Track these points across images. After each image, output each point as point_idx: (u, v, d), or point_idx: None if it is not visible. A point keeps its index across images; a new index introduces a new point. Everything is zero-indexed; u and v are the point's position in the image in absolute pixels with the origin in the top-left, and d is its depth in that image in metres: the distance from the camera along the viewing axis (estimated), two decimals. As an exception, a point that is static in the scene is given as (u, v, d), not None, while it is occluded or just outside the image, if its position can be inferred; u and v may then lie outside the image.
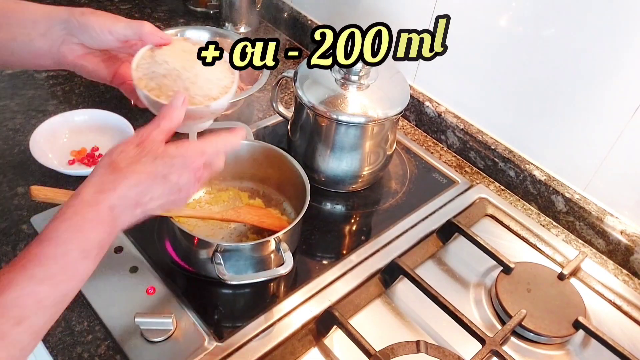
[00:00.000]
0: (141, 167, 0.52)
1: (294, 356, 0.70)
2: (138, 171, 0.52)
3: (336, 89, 0.84)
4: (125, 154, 0.52)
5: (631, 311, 0.81)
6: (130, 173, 0.51)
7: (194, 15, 1.33)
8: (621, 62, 0.79)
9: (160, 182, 0.53)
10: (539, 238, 0.90)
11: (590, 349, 0.77)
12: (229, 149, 0.60)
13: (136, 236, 0.78)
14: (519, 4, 0.87)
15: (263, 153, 0.84)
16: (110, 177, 0.51)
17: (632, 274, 0.88)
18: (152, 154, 0.53)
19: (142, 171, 0.52)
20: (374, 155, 0.89)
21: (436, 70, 1.06)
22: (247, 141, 0.84)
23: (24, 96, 1.01)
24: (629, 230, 0.87)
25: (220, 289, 0.76)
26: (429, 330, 0.75)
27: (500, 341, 0.71)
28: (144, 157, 0.52)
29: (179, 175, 0.54)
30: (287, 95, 1.13)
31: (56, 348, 0.66)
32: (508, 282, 0.80)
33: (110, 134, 0.93)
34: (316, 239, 0.85)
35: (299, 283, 0.77)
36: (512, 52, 0.92)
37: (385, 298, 0.79)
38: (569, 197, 0.91)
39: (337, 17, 1.22)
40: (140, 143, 0.53)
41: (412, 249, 0.85)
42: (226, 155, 0.60)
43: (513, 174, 0.98)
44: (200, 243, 0.70)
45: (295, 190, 0.81)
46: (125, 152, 0.52)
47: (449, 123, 1.05)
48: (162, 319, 0.66)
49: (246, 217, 0.77)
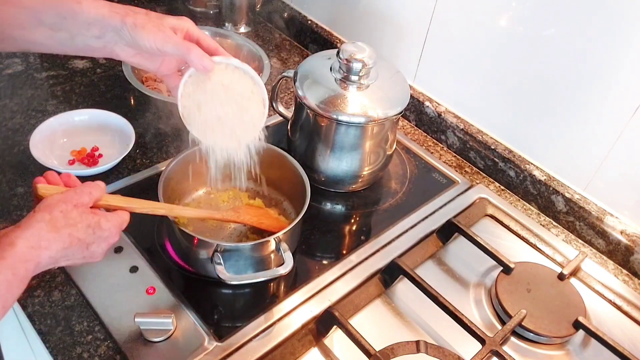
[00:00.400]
0: (76, 233, 0.55)
1: (294, 356, 0.70)
2: (72, 236, 0.55)
3: (336, 89, 0.84)
4: (64, 214, 0.55)
5: (631, 311, 0.81)
6: (66, 236, 0.54)
7: (194, 15, 1.32)
8: (621, 62, 0.79)
9: (83, 248, 0.56)
10: (539, 238, 0.90)
11: (590, 349, 0.76)
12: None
13: (136, 236, 0.78)
14: (519, 4, 0.87)
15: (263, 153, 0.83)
16: (48, 235, 0.53)
17: (632, 274, 0.88)
18: (86, 222, 0.56)
19: (75, 236, 0.55)
20: (373, 155, 0.89)
21: (436, 70, 1.06)
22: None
23: (23, 96, 1.01)
24: (629, 230, 0.87)
25: (220, 289, 0.76)
26: (429, 330, 0.75)
27: (500, 341, 0.71)
28: (79, 222, 0.55)
29: (98, 245, 0.58)
30: (287, 95, 1.13)
31: (56, 348, 0.66)
32: (508, 282, 0.80)
33: (110, 134, 0.93)
34: (316, 239, 0.85)
35: (299, 283, 0.77)
36: (512, 52, 0.92)
37: (385, 298, 0.79)
38: (569, 197, 0.91)
39: (337, 17, 1.22)
40: (78, 206, 0.56)
41: (412, 249, 0.85)
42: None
43: (513, 174, 0.98)
44: (200, 243, 0.70)
45: (295, 190, 0.80)
46: (65, 213, 0.55)
47: (449, 123, 1.05)
48: (162, 319, 0.66)
49: (245, 218, 0.77)
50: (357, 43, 0.83)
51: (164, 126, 0.98)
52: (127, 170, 0.89)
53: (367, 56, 0.81)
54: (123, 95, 1.05)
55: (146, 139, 0.96)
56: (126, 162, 0.91)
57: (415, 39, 1.05)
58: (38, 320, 0.68)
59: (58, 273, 0.73)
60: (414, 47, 1.06)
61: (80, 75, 1.08)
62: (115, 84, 1.07)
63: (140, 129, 0.96)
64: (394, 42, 1.10)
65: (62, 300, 0.71)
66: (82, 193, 0.58)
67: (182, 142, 0.95)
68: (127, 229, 0.78)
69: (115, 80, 1.08)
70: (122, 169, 0.89)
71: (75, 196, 0.57)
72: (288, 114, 0.95)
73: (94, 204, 0.59)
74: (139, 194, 0.69)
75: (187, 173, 0.80)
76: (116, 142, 0.92)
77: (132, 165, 0.91)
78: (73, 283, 0.72)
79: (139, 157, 0.92)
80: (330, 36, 1.23)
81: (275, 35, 1.33)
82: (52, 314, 0.69)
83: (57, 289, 0.72)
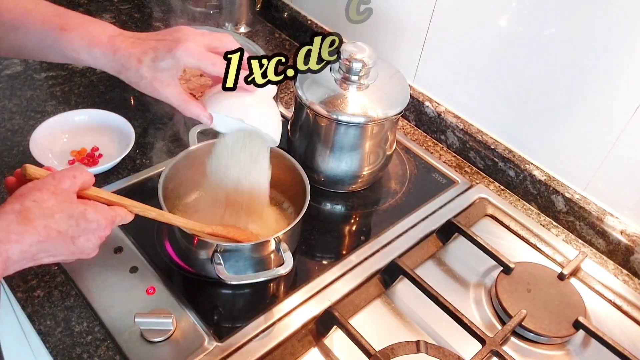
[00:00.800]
0: (54, 224, 0.49)
1: (294, 356, 0.70)
2: (49, 227, 0.49)
3: (336, 88, 0.84)
4: (39, 203, 0.49)
5: (631, 311, 0.81)
6: (41, 228, 0.48)
7: (193, 15, 1.32)
8: (621, 62, 0.79)
9: (66, 242, 0.51)
10: (539, 238, 0.90)
11: (590, 349, 0.76)
12: (122, 222, 0.59)
13: (136, 236, 0.78)
14: (519, 4, 0.87)
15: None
16: (18, 227, 0.47)
17: (632, 274, 0.88)
18: (67, 211, 0.50)
19: (53, 228, 0.49)
20: (373, 155, 0.89)
21: (436, 70, 1.06)
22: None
23: (22, 97, 1.01)
24: (629, 230, 0.87)
25: (220, 289, 0.76)
26: (429, 330, 0.75)
27: (500, 341, 0.71)
28: (58, 212, 0.49)
29: (87, 239, 0.52)
30: (287, 95, 1.13)
31: (56, 349, 0.66)
32: (508, 282, 0.80)
33: (110, 134, 0.93)
34: (316, 239, 0.85)
35: (299, 283, 0.77)
36: (512, 52, 0.92)
37: (385, 298, 0.79)
38: (569, 197, 0.91)
39: (336, 17, 1.22)
40: (57, 193, 0.50)
41: (412, 249, 0.85)
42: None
43: (513, 173, 0.98)
44: (200, 243, 0.70)
45: (295, 190, 0.80)
46: (40, 202, 0.49)
47: (449, 123, 1.05)
48: (162, 319, 0.66)
49: (235, 234, 0.74)
50: (357, 43, 0.83)
51: (164, 126, 0.98)
52: (126, 171, 0.89)
53: (367, 56, 0.81)
54: (123, 95, 1.05)
55: (146, 139, 0.96)
56: (126, 162, 0.91)
57: (415, 39, 1.05)
58: (38, 320, 0.68)
59: (58, 273, 0.73)
60: (414, 47, 1.06)
61: (80, 75, 1.08)
62: (115, 84, 1.07)
63: (140, 129, 0.96)
64: (394, 42, 1.10)
65: (62, 300, 0.71)
66: (62, 177, 0.51)
67: (182, 142, 0.96)
68: (127, 229, 0.79)
69: (114, 80, 1.06)
70: (122, 169, 0.89)
71: (54, 182, 0.51)
72: (288, 114, 0.95)
73: (81, 192, 0.54)
74: (138, 194, 0.70)
75: (187, 173, 0.80)
76: (116, 142, 0.92)
77: (132, 165, 0.91)
78: (73, 283, 0.72)
79: (139, 157, 0.92)
80: (330, 36, 1.23)
81: (275, 35, 1.33)
82: (52, 314, 0.69)
83: (57, 289, 0.72)
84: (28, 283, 0.72)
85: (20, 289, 0.71)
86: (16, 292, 0.71)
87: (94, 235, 0.53)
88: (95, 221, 0.52)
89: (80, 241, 0.52)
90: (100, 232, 0.53)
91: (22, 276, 0.72)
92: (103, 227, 0.53)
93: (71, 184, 0.52)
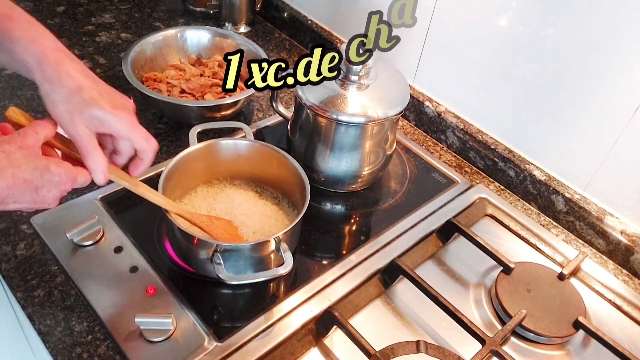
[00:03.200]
0: (20, 173, 0.53)
1: (294, 356, 0.70)
2: (17, 176, 0.53)
3: (336, 88, 0.84)
4: (7, 154, 0.53)
5: (631, 311, 0.81)
6: (9, 176, 0.53)
7: (193, 15, 1.33)
8: (621, 62, 0.79)
9: (31, 191, 0.55)
10: (539, 238, 0.90)
11: (590, 349, 0.76)
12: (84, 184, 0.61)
13: (136, 236, 0.78)
14: (519, 4, 0.87)
15: (263, 153, 0.83)
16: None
17: (632, 274, 0.88)
18: (32, 164, 0.54)
19: (20, 177, 0.53)
20: (373, 155, 0.89)
21: (436, 70, 1.06)
22: (247, 141, 0.84)
23: (22, 97, 1.01)
24: (629, 230, 0.87)
25: (220, 289, 0.76)
26: (429, 330, 0.75)
27: (500, 341, 0.71)
28: (24, 164, 0.54)
29: (48, 190, 0.56)
30: (287, 95, 1.13)
31: (56, 348, 0.66)
32: (508, 282, 0.80)
33: (110, 134, 0.93)
34: (316, 239, 0.85)
35: (299, 283, 0.77)
36: (512, 52, 0.92)
37: (385, 298, 0.79)
38: (569, 197, 0.91)
39: (336, 17, 1.22)
40: (23, 147, 0.54)
41: (412, 249, 0.85)
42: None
43: (513, 173, 0.98)
44: (200, 243, 0.70)
45: (295, 190, 0.81)
46: (8, 154, 0.53)
47: (449, 123, 1.05)
48: (161, 319, 0.66)
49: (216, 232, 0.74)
50: (357, 43, 0.83)
51: (164, 126, 0.98)
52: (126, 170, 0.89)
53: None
54: (123, 95, 1.04)
55: (146, 139, 0.95)
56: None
57: (415, 39, 1.05)
58: (38, 320, 0.68)
59: (58, 273, 0.73)
60: (414, 47, 1.06)
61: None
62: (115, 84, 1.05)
63: (140, 129, 0.96)
64: (393, 42, 1.10)
65: (62, 300, 0.71)
66: (26, 134, 0.56)
67: (182, 142, 0.95)
68: (127, 229, 0.79)
69: (114, 80, 1.08)
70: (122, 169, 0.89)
71: (19, 137, 0.55)
72: (288, 114, 0.95)
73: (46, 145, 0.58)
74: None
75: (187, 173, 0.80)
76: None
77: (132, 165, 0.90)
78: (73, 283, 0.72)
79: (139, 157, 0.92)
80: (330, 36, 1.23)
81: (275, 35, 1.33)
82: (52, 314, 0.69)
83: (57, 289, 0.72)
84: (28, 283, 0.72)
85: (20, 288, 0.71)
86: (16, 292, 0.71)
87: (56, 187, 0.57)
88: (57, 174, 0.56)
89: (43, 191, 0.56)
90: (61, 186, 0.57)
91: (22, 276, 0.73)
92: (64, 181, 0.57)
93: (35, 140, 0.56)
